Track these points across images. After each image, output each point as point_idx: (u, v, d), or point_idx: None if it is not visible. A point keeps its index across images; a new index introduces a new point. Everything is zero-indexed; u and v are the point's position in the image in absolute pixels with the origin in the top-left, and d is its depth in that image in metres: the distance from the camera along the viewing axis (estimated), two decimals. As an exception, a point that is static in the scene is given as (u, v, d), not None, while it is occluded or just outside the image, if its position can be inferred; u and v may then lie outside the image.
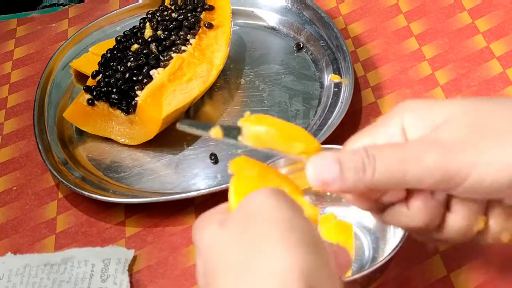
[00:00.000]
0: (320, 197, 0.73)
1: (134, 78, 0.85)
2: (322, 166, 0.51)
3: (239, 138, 0.53)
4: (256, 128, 0.53)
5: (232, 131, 0.54)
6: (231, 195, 0.52)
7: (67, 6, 1.08)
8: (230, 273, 0.46)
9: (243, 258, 0.46)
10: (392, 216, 0.54)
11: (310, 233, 0.47)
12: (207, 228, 0.49)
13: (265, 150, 0.53)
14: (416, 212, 0.52)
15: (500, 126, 0.51)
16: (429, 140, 0.51)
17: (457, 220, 0.53)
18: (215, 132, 0.54)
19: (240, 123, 0.53)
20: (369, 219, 0.71)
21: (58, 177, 0.81)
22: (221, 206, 0.52)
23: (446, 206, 0.53)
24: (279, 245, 0.45)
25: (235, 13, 0.95)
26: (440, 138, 0.50)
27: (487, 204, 0.53)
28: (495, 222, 0.53)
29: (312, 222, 0.49)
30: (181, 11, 0.91)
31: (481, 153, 0.49)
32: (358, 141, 0.54)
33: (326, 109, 0.84)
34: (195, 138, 0.86)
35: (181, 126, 0.55)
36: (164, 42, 0.88)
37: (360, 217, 0.71)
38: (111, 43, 0.91)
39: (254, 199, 0.49)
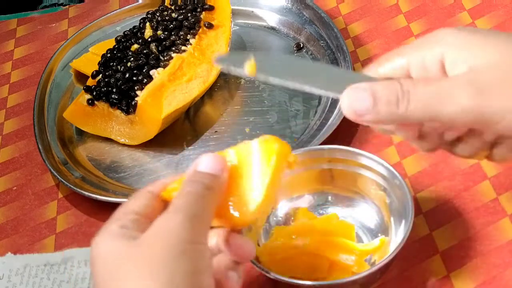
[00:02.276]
0: (322, 197, 0.73)
1: (134, 78, 0.85)
2: (356, 97, 0.52)
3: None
4: None
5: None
6: None
7: (67, 6, 1.08)
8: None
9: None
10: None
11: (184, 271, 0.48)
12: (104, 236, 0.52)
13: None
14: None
15: None
16: (466, 79, 0.52)
17: (465, 149, 0.57)
18: (250, 69, 0.54)
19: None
20: (370, 220, 0.71)
21: (58, 177, 0.81)
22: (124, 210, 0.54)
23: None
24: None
25: (235, 13, 0.95)
26: (477, 80, 0.51)
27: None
28: (498, 151, 0.57)
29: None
30: (181, 11, 0.91)
31: None
32: (393, 59, 0.55)
33: (326, 109, 0.84)
34: (195, 138, 0.86)
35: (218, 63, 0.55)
36: (164, 42, 0.88)
37: (361, 218, 0.71)
38: (111, 43, 0.91)
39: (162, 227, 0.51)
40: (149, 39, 0.89)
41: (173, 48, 0.87)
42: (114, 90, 0.84)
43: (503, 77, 0.51)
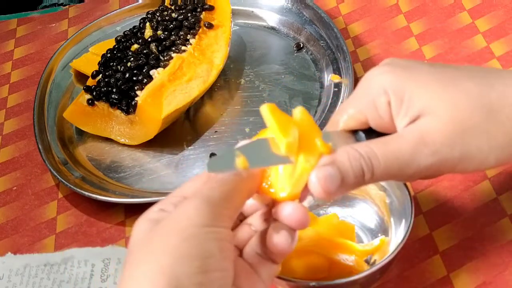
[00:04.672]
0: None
1: (134, 78, 0.85)
2: (325, 180, 0.54)
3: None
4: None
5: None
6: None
7: (67, 6, 1.08)
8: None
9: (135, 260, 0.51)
10: None
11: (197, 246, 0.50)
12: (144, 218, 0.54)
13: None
14: None
15: (477, 125, 0.55)
16: (418, 141, 0.55)
17: None
18: (242, 165, 0.53)
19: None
20: (370, 220, 0.71)
21: (58, 177, 0.81)
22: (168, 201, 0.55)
23: None
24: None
25: (235, 13, 0.95)
26: (426, 141, 0.55)
27: None
28: None
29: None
30: (181, 11, 0.91)
31: (467, 151, 0.55)
32: (345, 111, 0.59)
33: (326, 109, 0.84)
34: (195, 138, 0.86)
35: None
36: (164, 42, 0.88)
37: (362, 218, 0.71)
38: (111, 43, 0.91)
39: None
40: (149, 39, 0.89)
41: (173, 48, 0.87)
42: (114, 90, 0.84)
43: (452, 130, 0.55)
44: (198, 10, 0.91)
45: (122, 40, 0.90)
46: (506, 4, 0.93)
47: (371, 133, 0.59)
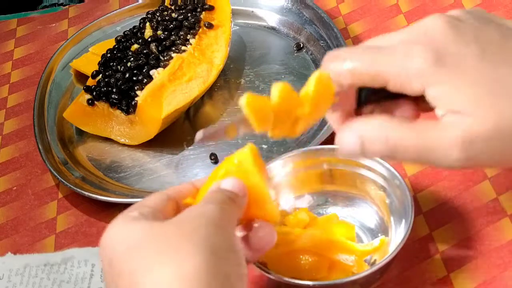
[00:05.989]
0: (322, 197, 0.73)
1: (134, 78, 0.85)
2: (346, 144, 0.55)
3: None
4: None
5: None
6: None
7: (67, 6, 1.08)
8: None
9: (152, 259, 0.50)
10: None
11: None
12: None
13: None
14: None
15: None
16: (457, 141, 0.52)
17: None
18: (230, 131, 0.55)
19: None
20: (370, 220, 0.71)
21: (58, 177, 0.81)
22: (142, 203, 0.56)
23: None
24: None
25: (235, 13, 0.95)
26: (468, 146, 0.51)
27: None
28: None
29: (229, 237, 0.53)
30: (181, 11, 0.91)
31: (503, 160, 0.54)
32: (365, 66, 0.55)
33: (326, 109, 0.83)
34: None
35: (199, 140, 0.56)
36: (164, 42, 0.88)
37: (361, 218, 0.71)
38: (111, 43, 0.91)
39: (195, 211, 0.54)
40: (149, 39, 0.89)
41: (173, 48, 0.87)
42: (114, 90, 0.84)
43: (494, 136, 0.52)
44: (198, 10, 0.91)
45: (122, 40, 0.90)
46: (506, 4, 0.93)
47: (379, 91, 0.55)
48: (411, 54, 0.52)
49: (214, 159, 0.82)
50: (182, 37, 0.88)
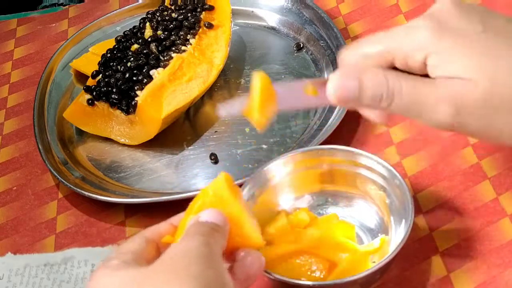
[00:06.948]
0: (322, 197, 0.73)
1: (134, 78, 0.85)
2: (343, 85, 0.56)
3: None
4: None
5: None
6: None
7: (67, 6, 1.08)
8: None
9: None
10: None
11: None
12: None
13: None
14: None
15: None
16: (448, 96, 0.54)
17: None
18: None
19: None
20: (370, 220, 0.71)
21: (58, 177, 0.81)
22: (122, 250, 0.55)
23: None
24: None
25: (235, 13, 0.95)
26: (458, 101, 0.54)
27: None
28: None
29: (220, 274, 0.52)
30: (181, 11, 0.91)
31: (489, 126, 0.55)
32: (371, 45, 0.57)
33: (326, 109, 0.83)
34: (195, 138, 0.86)
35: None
36: (164, 42, 0.88)
37: (361, 218, 0.71)
38: (111, 43, 0.91)
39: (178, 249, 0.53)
40: (149, 39, 0.89)
41: (173, 48, 0.87)
42: (114, 90, 0.84)
43: (484, 101, 0.54)
44: (198, 10, 0.91)
45: (122, 40, 0.90)
46: (506, 4, 0.93)
47: None
48: (415, 26, 0.56)
49: (214, 159, 0.82)
50: (182, 37, 0.88)
